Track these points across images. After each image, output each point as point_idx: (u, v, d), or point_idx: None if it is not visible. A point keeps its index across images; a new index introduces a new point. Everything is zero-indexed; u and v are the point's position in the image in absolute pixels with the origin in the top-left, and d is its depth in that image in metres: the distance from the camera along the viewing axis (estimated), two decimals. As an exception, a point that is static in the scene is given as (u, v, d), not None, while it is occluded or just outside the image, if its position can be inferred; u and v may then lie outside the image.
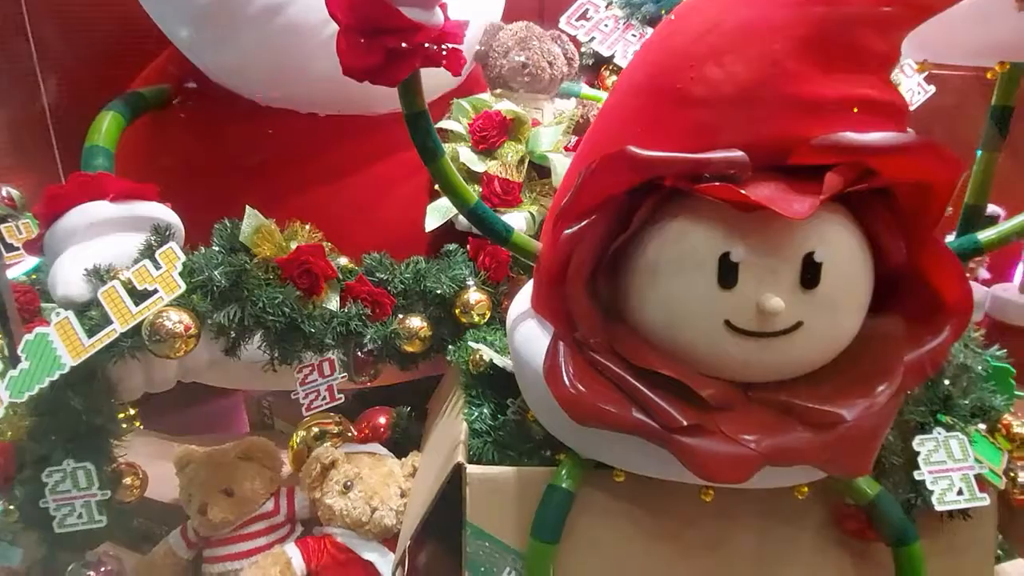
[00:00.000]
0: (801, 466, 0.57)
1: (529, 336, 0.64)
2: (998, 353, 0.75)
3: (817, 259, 0.52)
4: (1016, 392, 0.74)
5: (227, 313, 0.70)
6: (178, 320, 0.65)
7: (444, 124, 0.96)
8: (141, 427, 1.12)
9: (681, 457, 0.54)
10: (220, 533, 0.85)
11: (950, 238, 1.00)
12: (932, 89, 1.25)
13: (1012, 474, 0.70)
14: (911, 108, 1.27)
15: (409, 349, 0.84)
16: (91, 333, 0.64)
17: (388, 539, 0.82)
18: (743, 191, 0.50)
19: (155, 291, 0.65)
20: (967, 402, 0.70)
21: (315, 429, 0.94)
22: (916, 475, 0.62)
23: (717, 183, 0.51)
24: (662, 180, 0.53)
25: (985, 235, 0.65)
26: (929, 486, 0.61)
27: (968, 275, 1.20)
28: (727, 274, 0.52)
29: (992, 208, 1.24)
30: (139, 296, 0.66)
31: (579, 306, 0.56)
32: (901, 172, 0.51)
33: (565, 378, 0.56)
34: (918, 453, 0.62)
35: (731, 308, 0.53)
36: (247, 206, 0.75)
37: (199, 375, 0.78)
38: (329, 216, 0.94)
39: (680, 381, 0.55)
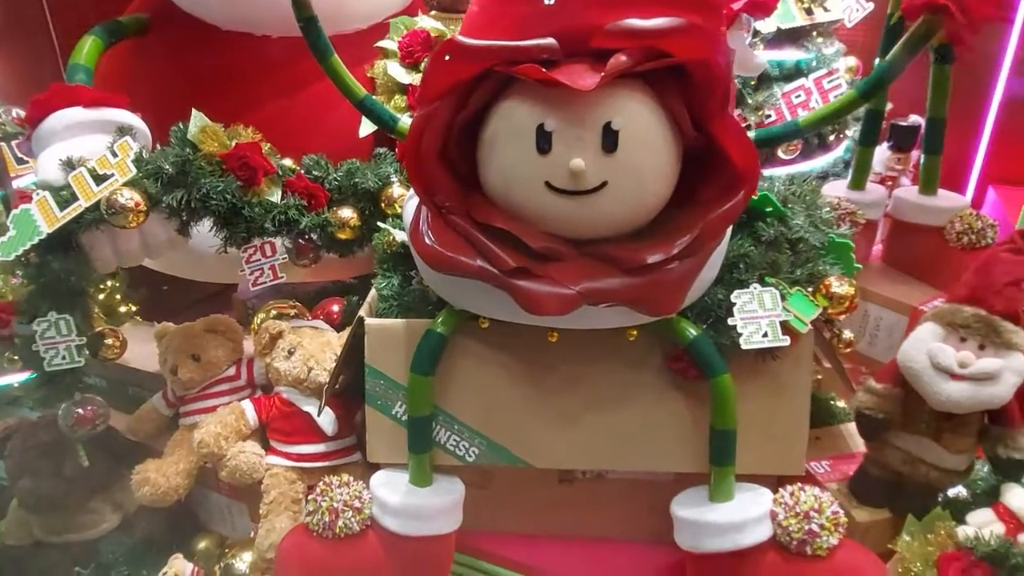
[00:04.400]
0: (626, 309, 0.70)
1: (413, 210, 0.77)
2: (844, 231, 0.84)
3: (615, 127, 0.63)
4: (857, 265, 0.84)
5: (175, 196, 0.84)
6: (130, 197, 0.80)
7: (381, 43, 1.07)
8: (139, 319, 1.32)
9: (513, 294, 0.67)
10: (190, 392, 1.02)
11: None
12: (871, 6, 1.31)
13: (837, 330, 0.81)
14: (849, 25, 1.34)
15: (342, 236, 0.97)
16: (63, 207, 0.79)
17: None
18: (545, 70, 0.61)
19: (112, 175, 0.80)
20: (802, 271, 0.80)
21: (274, 312, 1.10)
22: (730, 321, 0.73)
23: (527, 65, 0.62)
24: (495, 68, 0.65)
25: (803, 116, 0.74)
26: (740, 330, 0.72)
27: (891, 183, 1.29)
28: (543, 142, 0.64)
29: (914, 118, 1.31)
30: (100, 179, 0.80)
31: (434, 176, 0.69)
32: (683, 52, 0.62)
33: (423, 235, 0.70)
34: (735, 304, 0.74)
35: (548, 171, 0.65)
36: (193, 109, 0.88)
37: (160, 252, 0.94)
38: (282, 128, 1.07)
39: (517, 236, 0.67)
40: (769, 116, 1.31)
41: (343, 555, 0.76)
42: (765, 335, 0.72)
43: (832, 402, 0.98)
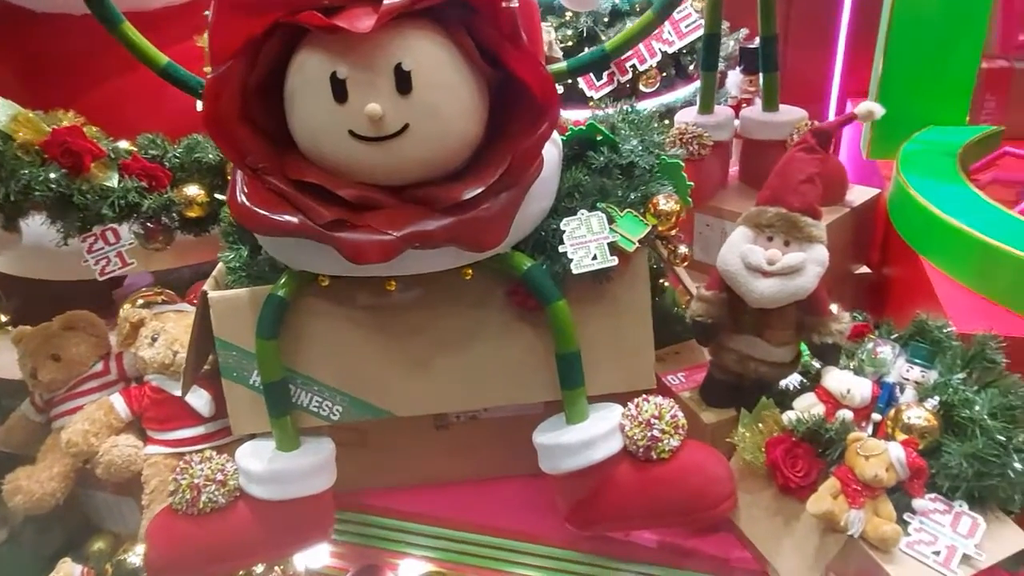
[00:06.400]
0: (455, 249, 0.71)
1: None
2: (674, 152, 0.87)
3: (406, 68, 0.63)
4: (689, 182, 0.87)
5: (-11, 191, 0.81)
6: (-68, 197, 0.76)
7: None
8: (10, 329, 1.27)
9: (334, 246, 0.67)
10: (57, 394, 0.99)
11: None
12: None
13: (673, 246, 0.84)
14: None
15: (192, 215, 0.95)
16: None
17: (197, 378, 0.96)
18: (322, 16, 0.60)
19: (-89, 175, 0.76)
20: (636, 194, 0.83)
21: (140, 301, 1.07)
22: (561, 248, 0.75)
23: (306, 12, 0.61)
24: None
25: (609, 42, 0.76)
26: (570, 255, 0.74)
27: (747, 105, 1.33)
28: (339, 90, 0.64)
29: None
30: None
31: (240, 138, 0.67)
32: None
33: (240, 197, 0.69)
34: (564, 231, 0.75)
35: (350, 119, 0.64)
36: (-1, 98, 0.84)
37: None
38: (118, 110, 1.04)
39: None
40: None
41: (212, 530, 0.76)
42: (594, 258, 0.74)
43: (693, 319, 1.02)
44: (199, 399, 0.94)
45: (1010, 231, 0.82)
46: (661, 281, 1.07)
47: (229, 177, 0.96)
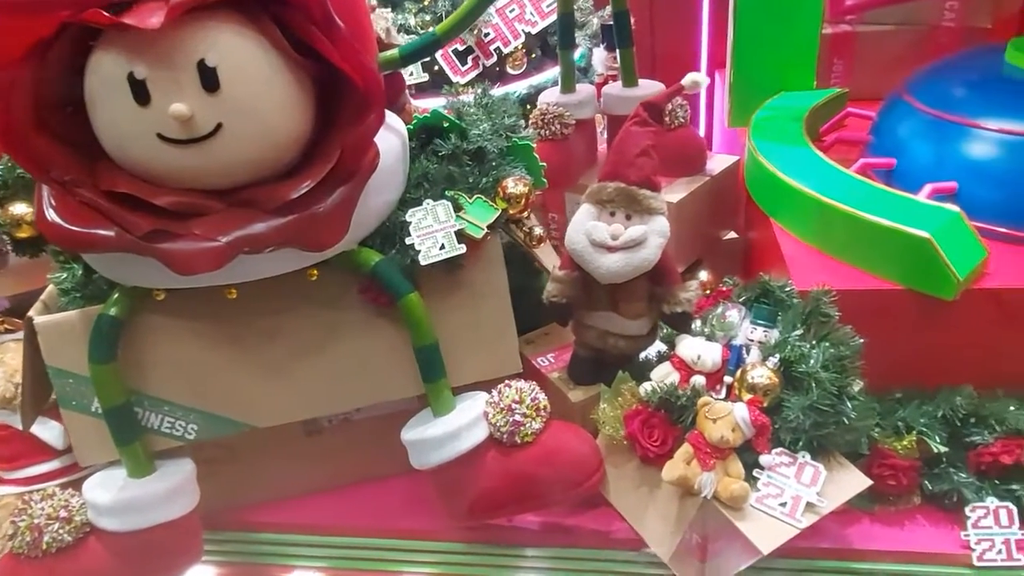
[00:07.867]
0: (296, 250, 0.68)
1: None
2: (525, 134, 0.87)
3: (210, 64, 0.59)
4: (541, 163, 0.87)
5: None
6: None
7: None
8: None
9: (158, 258, 0.63)
10: None
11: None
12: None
13: (527, 228, 0.84)
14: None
15: (22, 235, 0.88)
16: None
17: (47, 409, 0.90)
18: (108, 14, 0.56)
19: None
20: (488, 179, 0.82)
21: (-21, 333, 0.99)
22: (407, 240, 0.73)
23: (91, 10, 0.57)
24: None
25: (439, 26, 0.74)
26: (417, 247, 0.73)
27: (613, 81, 1.33)
28: (140, 92, 0.59)
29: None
30: None
31: (39, 150, 0.62)
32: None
33: (48, 213, 0.64)
34: (410, 222, 0.74)
35: (156, 122, 0.60)
36: None
37: None
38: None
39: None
40: (488, 34, 1.32)
41: (62, 571, 0.71)
42: (442, 247, 0.73)
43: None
44: (49, 431, 0.88)
45: (844, 189, 0.86)
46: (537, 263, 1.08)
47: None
